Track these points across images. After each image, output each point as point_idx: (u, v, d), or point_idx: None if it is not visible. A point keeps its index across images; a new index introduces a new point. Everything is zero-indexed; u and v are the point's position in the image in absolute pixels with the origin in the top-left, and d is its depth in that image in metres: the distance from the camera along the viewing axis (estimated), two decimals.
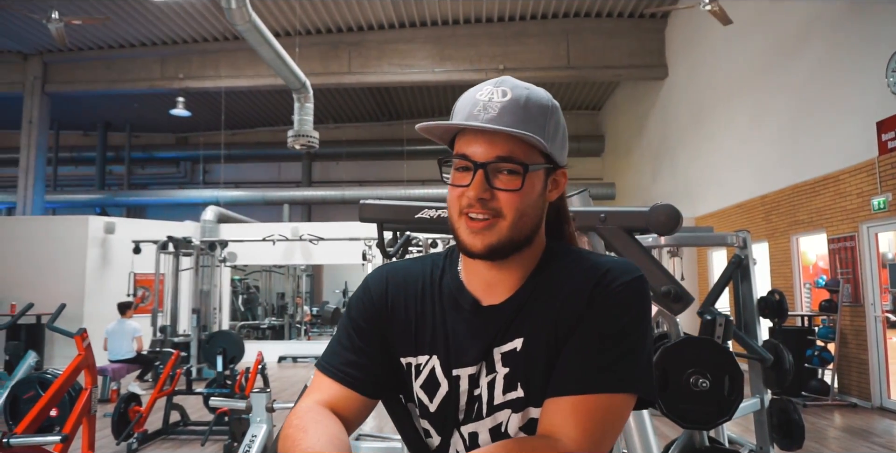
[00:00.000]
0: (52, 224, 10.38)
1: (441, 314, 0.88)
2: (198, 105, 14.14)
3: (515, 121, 0.79)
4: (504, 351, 0.83)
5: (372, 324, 0.90)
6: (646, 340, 0.81)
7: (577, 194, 2.29)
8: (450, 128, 0.82)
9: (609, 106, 15.35)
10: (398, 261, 1.00)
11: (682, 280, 8.09)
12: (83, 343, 3.09)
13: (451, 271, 0.91)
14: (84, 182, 17.00)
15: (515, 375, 0.82)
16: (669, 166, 11.32)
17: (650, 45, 11.10)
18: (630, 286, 0.81)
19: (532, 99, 0.82)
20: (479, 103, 0.81)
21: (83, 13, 9.95)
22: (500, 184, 0.80)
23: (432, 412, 0.87)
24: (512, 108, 0.80)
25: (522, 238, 0.83)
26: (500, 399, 0.83)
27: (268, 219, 14.23)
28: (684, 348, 2.37)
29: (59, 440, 2.61)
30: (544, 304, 0.83)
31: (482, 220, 0.80)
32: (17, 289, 9.26)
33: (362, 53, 11.43)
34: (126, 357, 6.78)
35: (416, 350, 0.88)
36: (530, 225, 0.83)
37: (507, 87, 0.82)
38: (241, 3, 6.86)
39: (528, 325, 0.83)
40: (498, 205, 0.80)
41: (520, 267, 0.86)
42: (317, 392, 0.87)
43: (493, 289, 0.87)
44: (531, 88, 0.84)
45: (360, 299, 0.93)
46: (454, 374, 0.85)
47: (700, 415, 2.26)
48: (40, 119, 11.93)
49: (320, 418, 0.80)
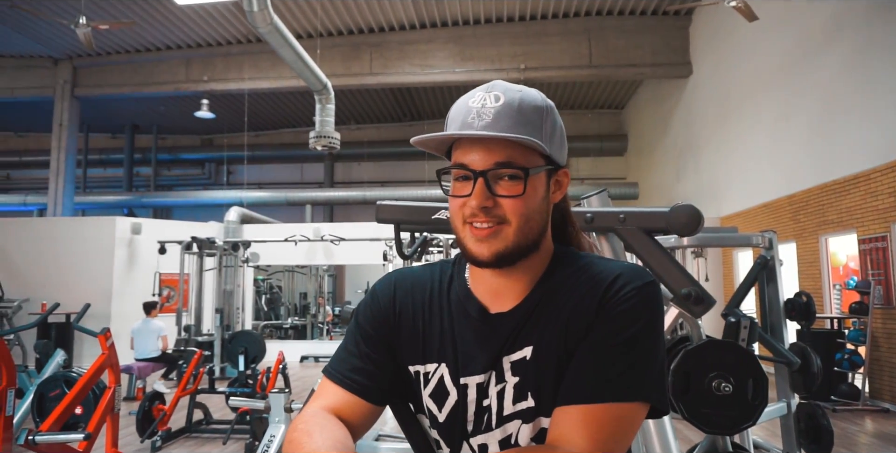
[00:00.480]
0: (81, 225, 10.60)
1: (449, 321, 0.87)
2: (222, 107, 14.33)
3: (511, 126, 0.78)
4: (514, 360, 0.82)
5: (379, 332, 0.89)
6: (657, 348, 0.79)
7: (595, 194, 2.25)
8: (445, 138, 0.80)
9: (632, 105, 15.18)
10: (407, 267, 0.98)
11: (707, 281, 7.96)
12: (107, 342, 3.14)
13: (460, 278, 0.90)
14: (112, 183, 17.35)
15: (526, 384, 0.81)
16: (694, 165, 11.15)
17: (674, 43, 10.94)
18: (640, 292, 0.79)
19: (526, 101, 0.80)
20: (473, 110, 0.79)
21: (110, 18, 10.15)
22: (502, 190, 0.78)
23: (441, 422, 0.85)
24: (506, 112, 0.78)
25: (529, 243, 0.81)
26: (511, 409, 0.81)
27: (290, 219, 14.36)
28: (707, 351, 2.32)
29: (83, 438, 2.66)
30: (553, 312, 0.82)
31: (486, 229, 0.79)
32: (48, 289, 9.48)
33: (383, 54, 11.47)
34: (151, 356, 6.89)
35: (423, 358, 0.87)
36: (536, 229, 0.81)
37: (499, 91, 0.81)
38: (262, 6, 6.93)
39: (537, 333, 0.81)
40: (502, 211, 0.79)
41: (527, 273, 0.84)
42: (323, 397, 0.86)
43: (500, 297, 0.85)
44: (524, 90, 0.82)
45: (368, 306, 0.92)
46: (462, 383, 0.84)
47: (723, 420, 2.21)
48: (70, 122, 12.20)
49: (325, 423, 0.79)
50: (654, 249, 2.04)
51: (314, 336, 12.73)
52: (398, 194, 14.03)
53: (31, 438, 2.58)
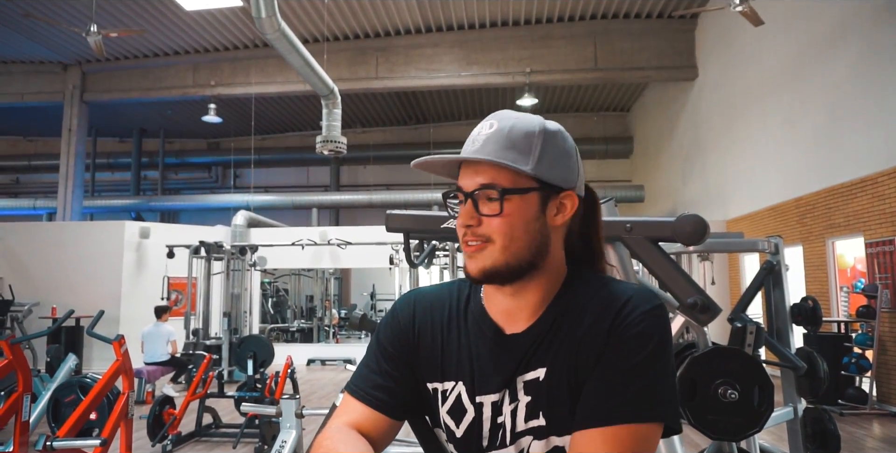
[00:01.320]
0: (90, 229, 10.70)
1: (466, 340, 0.90)
2: (229, 111, 14.42)
3: (495, 150, 0.82)
4: (527, 380, 0.85)
5: (399, 350, 0.93)
6: (669, 368, 0.82)
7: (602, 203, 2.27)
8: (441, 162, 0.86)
9: (638, 107, 15.19)
10: (426, 286, 1.02)
11: (713, 285, 7.97)
12: (121, 349, 3.19)
13: (476, 298, 0.93)
14: (120, 187, 17.46)
15: (538, 404, 0.83)
16: (700, 168, 11.14)
17: (679, 46, 10.95)
18: (650, 315, 0.82)
19: (518, 127, 0.84)
20: (471, 138, 0.86)
21: (120, 25, 10.25)
22: (486, 210, 0.83)
23: (459, 437, 0.88)
24: (494, 137, 0.83)
25: (522, 263, 0.83)
26: (523, 426, 0.84)
27: (297, 222, 14.43)
28: (712, 358, 2.34)
29: (99, 443, 2.71)
30: (566, 335, 0.84)
31: (473, 246, 0.84)
32: (57, 292, 9.57)
33: (389, 59, 11.53)
34: (161, 359, 6.94)
35: (442, 376, 0.90)
36: (525, 249, 0.83)
37: (496, 119, 0.86)
38: (270, 13, 6.98)
39: (550, 355, 0.84)
40: (486, 230, 0.83)
41: (536, 293, 0.87)
42: (346, 413, 0.90)
43: (513, 317, 0.88)
44: (521, 118, 0.86)
45: (388, 325, 0.96)
46: (478, 401, 0.87)
47: (728, 427, 2.24)
48: (79, 127, 12.30)
49: (349, 439, 0.83)
50: (660, 258, 2.07)
51: (321, 339, 12.77)
52: (404, 197, 14.08)
53: (49, 444, 2.63)
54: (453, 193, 0.88)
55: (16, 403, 3.13)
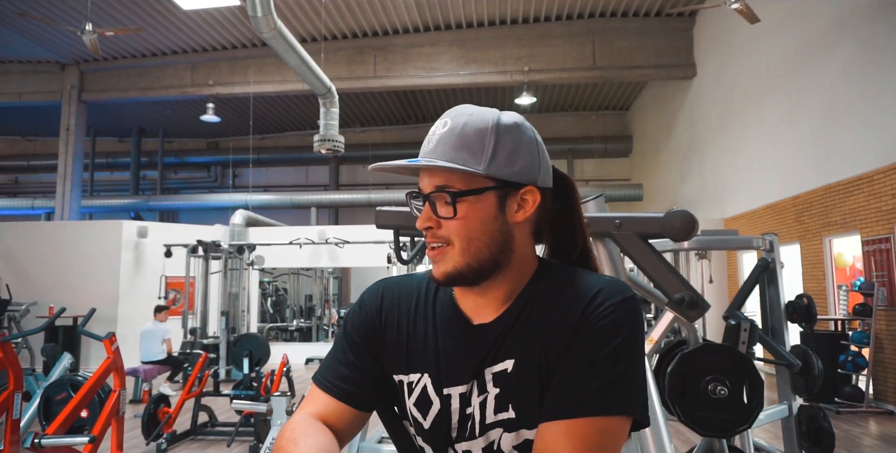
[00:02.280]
0: (88, 228, 10.69)
1: (433, 332, 0.89)
2: (227, 110, 14.42)
3: (446, 151, 0.81)
4: (495, 372, 0.83)
5: (365, 340, 0.92)
6: (639, 362, 0.80)
7: (592, 200, 2.28)
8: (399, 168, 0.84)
9: (637, 106, 15.18)
10: (396, 276, 1.01)
11: (711, 283, 7.96)
12: (112, 346, 3.18)
13: (445, 289, 0.92)
14: (119, 187, 17.46)
15: (506, 396, 0.82)
16: (698, 167, 11.14)
17: (678, 45, 10.94)
18: (620, 307, 0.80)
19: (470, 124, 0.82)
20: (428, 138, 0.84)
21: (117, 24, 10.24)
22: (442, 212, 0.82)
23: (426, 429, 0.87)
24: (446, 137, 0.82)
25: (484, 263, 0.82)
26: (492, 418, 0.83)
27: (296, 222, 14.42)
28: (702, 355, 2.34)
29: (88, 441, 2.70)
30: (535, 326, 0.83)
31: (435, 249, 0.84)
32: (56, 292, 9.57)
33: (388, 58, 11.52)
34: (156, 358, 6.94)
35: (407, 368, 0.89)
36: (486, 250, 0.82)
37: (451, 116, 0.84)
38: (266, 11, 6.98)
39: (519, 347, 0.83)
40: (445, 233, 0.82)
41: (503, 287, 0.86)
42: (311, 404, 0.89)
43: (482, 308, 0.87)
44: (474, 114, 0.84)
45: (356, 314, 0.94)
46: (445, 393, 0.86)
47: (718, 423, 2.23)
48: (77, 126, 12.30)
49: (311, 430, 0.82)
50: (649, 254, 2.06)
51: (319, 338, 12.77)
52: (403, 197, 14.06)
53: (38, 441, 2.62)
54: (415, 193, 0.87)
55: (6, 401, 3.12)
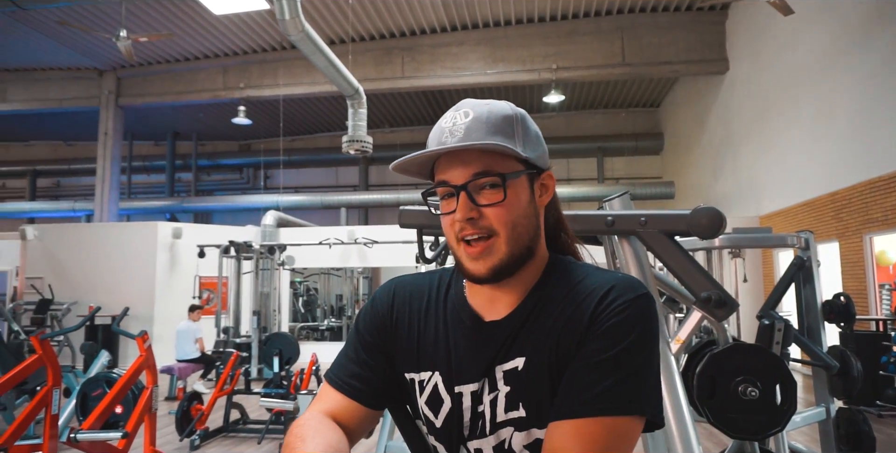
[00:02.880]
0: (125, 230, 10.98)
1: (444, 330, 0.88)
2: (258, 113, 14.64)
3: (482, 136, 0.80)
4: (506, 370, 0.83)
5: (376, 339, 0.91)
6: (652, 361, 0.78)
7: (617, 197, 2.24)
8: (420, 159, 0.82)
9: (668, 102, 14.92)
10: (408, 274, 1.00)
11: (745, 282, 7.77)
12: (144, 344, 3.26)
13: (457, 286, 0.91)
14: (155, 189, 17.89)
15: (517, 395, 0.81)
16: (732, 164, 10.90)
17: (709, 39, 10.72)
18: (632, 305, 0.79)
19: (493, 112, 0.83)
20: (445, 130, 0.82)
21: (151, 30, 10.49)
22: (484, 199, 0.80)
23: (438, 428, 0.87)
24: (475, 125, 0.81)
25: (523, 250, 0.82)
26: (503, 417, 0.82)
27: (327, 222, 14.58)
28: (732, 355, 2.28)
29: (121, 436, 2.77)
30: (546, 324, 0.82)
31: (478, 242, 0.80)
32: (95, 292, 9.84)
33: (415, 58, 11.55)
34: (190, 357, 7.09)
35: (418, 366, 0.89)
36: (526, 235, 0.82)
37: (468, 107, 0.83)
38: (294, 14, 7.06)
39: (530, 345, 0.82)
40: (488, 222, 0.80)
41: (521, 281, 0.85)
42: (322, 402, 0.89)
43: (494, 305, 0.86)
44: (491, 103, 0.84)
45: (367, 313, 0.94)
46: (456, 391, 0.85)
47: (749, 425, 2.17)
48: (115, 131, 12.64)
49: (320, 427, 0.82)
50: (675, 252, 2.02)
51: None
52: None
53: (73, 436, 2.70)
54: (435, 189, 0.84)
55: (46, 397, 3.22)
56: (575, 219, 2.02)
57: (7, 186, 19.05)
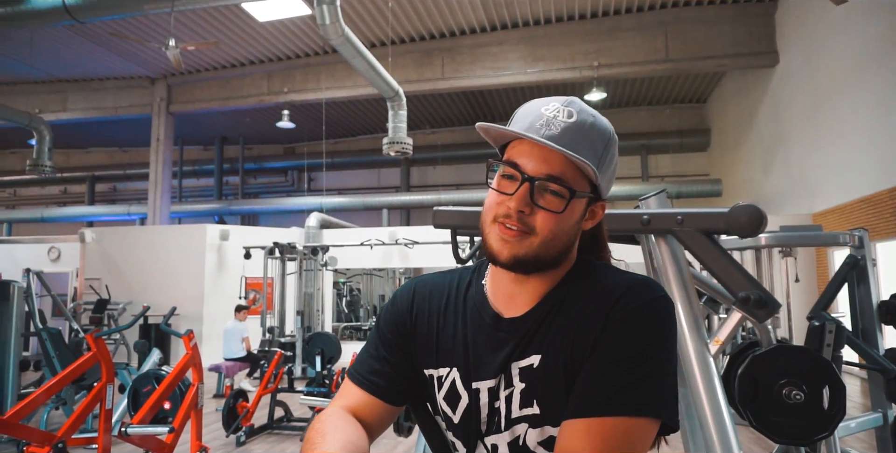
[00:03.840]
0: (176, 232, 11.36)
1: (462, 327, 0.89)
2: (301, 116, 14.92)
3: (575, 145, 0.79)
4: (521, 367, 0.83)
5: (396, 336, 0.93)
6: (667, 363, 0.77)
7: (654, 195, 2.21)
8: (508, 134, 0.82)
9: (715, 98, 14.52)
10: (430, 273, 1.02)
11: (797, 282, 7.48)
12: (190, 342, 3.36)
13: (477, 284, 0.92)
14: (205, 193, 18.44)
15: (532, 392, 0.82)
16: (783, 159, 10.52)
17: (758, 31, 10.38)
18: (650, 306, 0.78)
19: (596, 127, 0.82)
20: (543, 117, 0.81)
21: (199, 38, 10.82)
22: (543, 202, 0.80)
23: (456, 424, 0.88)
24: (575, 131, 0.80)
25: (550, 258, 0.82)
26: (517, 413, 0.83)
27: (370, 223, 14.75)
28: (776, 357, 2.21)
29: (168, 431, 2.87)
30: (563, 322, 0.82)
31: (514, 231, 0.80)
32: (148, 292, 10.22)
33: (455, 59, 11.58)
34: (237, 356, 7.28)
35: (437, 362, 0.90)
36: (560, 248, 0.82)
37: (575, 109, 0.82)
38: (334, 19, 7.18)
39: (546, 343, 0.82)
40: (533, 221, 0.80)
41: (543, 282, 0.86)
42: (343, 397, 0.91)
43: (514, 303, 0.87)
44: (597, 116, 0.83)
45: (388, 311, 0.97)
46: (474, 387, 0.86)
47: (794, 430, 2.10)
48: (166, 137, 13.09)
49: (340, 423, 0.84)
50: (713, 251, 1.97)
51: None
52: (473, 197, 14.10)
53: (124, 430, 2.82)
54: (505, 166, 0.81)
55: (100, 392, 3.36)
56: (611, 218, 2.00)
57: (69, 191, 19.98)
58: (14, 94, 13.68)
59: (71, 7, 7.87)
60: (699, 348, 1.92)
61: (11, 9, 8.08)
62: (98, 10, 7.97)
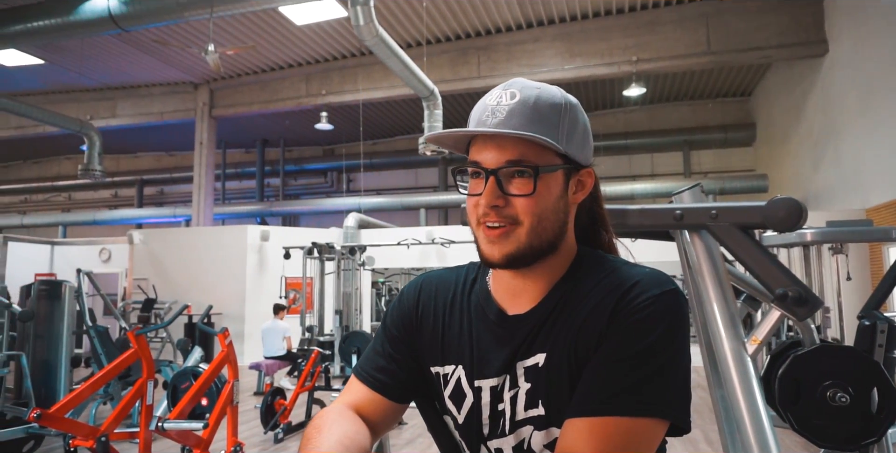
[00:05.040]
0: (218, 233, 11.64)
1: (468, 324, 0.87)
2: (339, 118, 15.10)
3: (524, 123, 0.76)
4: (527, 366, 0.80)
5: (402, 333, 0.92)
6: (677, 361, 0.73)
7: (687, 190, 2.13)
8: (458, 136, 0.80)
9: (760, 90, 14.07)
10: (439, 269, 1.00)
11: (849, 281, 7.16)
12: (225, 340, 3.43)
13: (482, 280, 0.90)
14: (247, 194, 18.87)
15: (537, 392, 0.79)
16: (833, 153, 10.11)
17: (804, 20, 10.00)
18: (659, 300, 0.74)
19: (542, 98, 0.79)
20: (488, 108, 0.79)
21: (239, 43, 11.06)
22: (514, 189, 0.77)
23: (461, 424, 0.86)
24: (520, 109, 0.77)
25: (544, 244, 0.79)
26: (522, 415, 0.80)
27: (408, 223, 14.82)
28: (819, 357, 2.10)
29: (202, 427, 2.93)
30: (568, 319, 0.78)
31: (498, 228, 0.77)
32: (193, 292, 10.50)
33: (491, 57, 11.53)
34: (277, 354, 7.40)
35: (442, 359, 0.88)
36: (551, 230, 0.79)
37: (516, 88, 0.79)
38: (368, 20, 7.23)
39: (551, 340, 0.79)
40: (513, 211, 0.77)
41: (545, 275, 0.82)
42: (348, 394, 0.90)
43: (518, 299, 0.84)
44: (542, 87, 0.80)
45: (395, 308, 0.95)
46: (476, 385, 0.83)
47: (839, 434, 1.99)
48: (209, 140, 13.43)
49: (339, 419, 0.82)
50: (749, 246, 1.89)
51: None
52: None
53: (161, 425, 2.89)
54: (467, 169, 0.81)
55: (141, 388, 3.45)
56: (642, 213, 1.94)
57: (119, 195, 20.71)
58: (67, 102, 14.25)
59: (116, 16, 8.14)
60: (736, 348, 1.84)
61: (62, 20, 8.40)
62: (141, 18, 8.22)
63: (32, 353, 5.79)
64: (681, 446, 4.80)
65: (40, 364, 5.79)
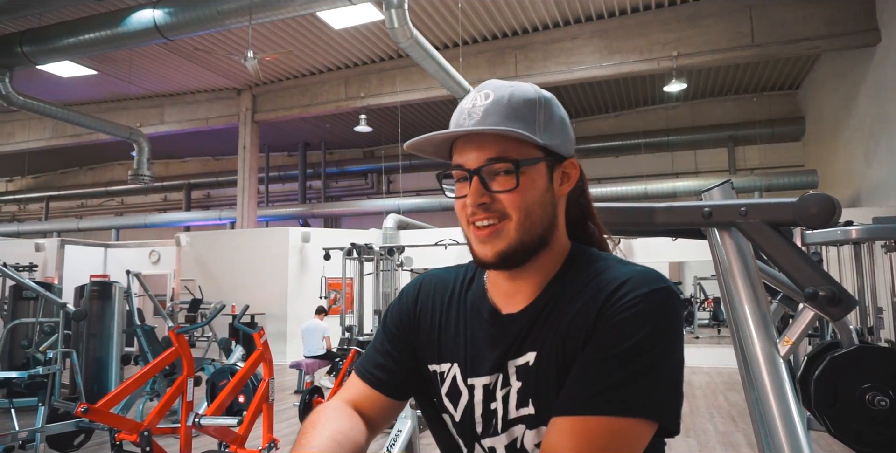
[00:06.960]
0: (261, 235, 11.92)
1: (464, 322, 0.88)
2: (378, 120, 15.26)
3: (500, 121, 0.77)
4: (518, 365, 0.80)
5: (401, 331, 0.93)
6: (666, 360, 0.72)
7: (717, 187, 2.09)
8: (435, 140, 0.81)
9: (809, 83, 13.57)
10: (440, 268, 1.01)
11: None
12: (260, 339, 3.51)
13: (479, 279, 0.91)
14: (290, 197, 19.25)
15: (527, 391, 0.79)
16: (887, 146, 9.67)
17: (854, 8, 9.60)
18: (647, 299, 0.73)
19: (516, 95, 0.80)
20: (464, 112, 0.81)
21: (280, 49, 11.31)
22: (497, 186, 0.78)
23: (457, 422, 0.86)
24: (495, 108, 0.78)
25: (535, 238, 0.79)
26: (514, 414, 0.80)
27: (447, 223, 14.86)
28: (858, 359, 2.02)
29: (236, 423, 3.01)
30: (558, 318, 0.78)
31: (488, 227, 0.78)
32: (237, 292, 10.78)
33: (528, 56, 11.47)
34: (317, 354, 7.54)
35: (439, 357, 0.89)
36: (540, 224, 0.79)
37: (490, 89, 0.81)
38: (402, 22, 7.29)
39: (541, 339, 0.79)
40: (501, 207, 0.78)
41: (538, 274, 0.82)
42: (346, 390, 0.92)
43: (512, 298, 0.84)
44: (515, 85, 0.82)
45: (395, 306, 0.97)
46: (469, 384, 0.84)
47: (877, 439, 1.91)
48: (252, 144, 13.76)
49: (335, 415, 0.84)
50: (781, 244, 1.84)
51: None
52: None
53: (197, 421, 2.98)
54: (450, 172, 0.83)
55: (182, 385, 3.57)
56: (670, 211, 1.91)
57: (168, 199, 21.44)
58: (118, 110, 14.83)
59: (161, 26, 8.44)
60: (767, 349, 1.80)
61: (111, 31, 8.76)
62: (184, 27, 8.50)
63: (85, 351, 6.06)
64: (721, 449, 4.67)
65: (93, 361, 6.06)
